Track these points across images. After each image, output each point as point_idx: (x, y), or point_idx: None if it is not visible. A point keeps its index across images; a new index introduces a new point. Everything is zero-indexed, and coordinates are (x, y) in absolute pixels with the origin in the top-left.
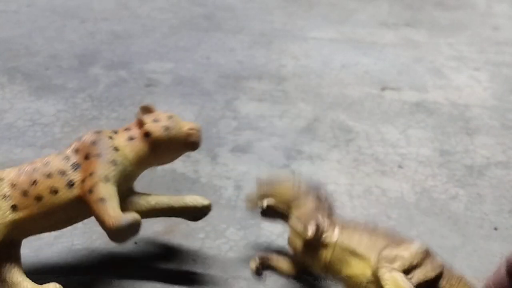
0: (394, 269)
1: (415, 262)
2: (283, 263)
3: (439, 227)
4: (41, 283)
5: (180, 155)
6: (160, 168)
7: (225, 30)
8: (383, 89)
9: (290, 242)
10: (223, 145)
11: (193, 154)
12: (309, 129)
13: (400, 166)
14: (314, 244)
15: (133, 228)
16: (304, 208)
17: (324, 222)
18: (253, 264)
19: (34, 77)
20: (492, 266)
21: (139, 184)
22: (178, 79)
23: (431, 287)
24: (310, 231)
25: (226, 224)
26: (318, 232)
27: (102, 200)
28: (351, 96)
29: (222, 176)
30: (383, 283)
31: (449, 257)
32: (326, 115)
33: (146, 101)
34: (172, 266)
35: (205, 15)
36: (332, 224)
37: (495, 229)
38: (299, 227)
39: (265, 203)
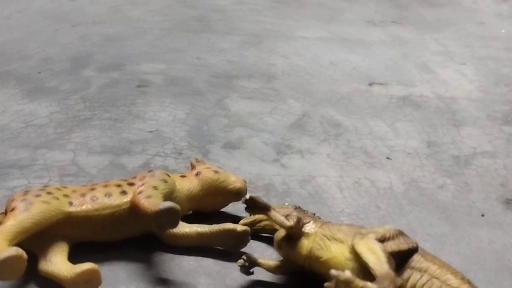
0: (367, 236)
1: (387, 235)
2: (271, 261)
3: (427, 216)
4: None
5: (226, 203)
6: (152, 165)
7: (215, 31)
8: (371, 84)
9: (274, 237)
10: (214, 142)
11: (184, 151)
12: (299, 125)
13: (388, 158)
14: (296, 234)
15: (171, 213)
16: (286, 209)
17: (303, 216)
18: (241, 262)
19: (27, 80)
20: (480, 251)
21: None
22: (169, 79)
23: (405, 261)
24: (292, 221)
25: (220, 219)
26: (299, 222)
27: (148, 197)
28: (340, 92)
29: None
30: (356, 248)
31: (438, 244)
32: (315, 111)
33: (138, 101)
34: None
35: (196, 17)
36: (312, 218)
37: (482, 215)
38: (281, 218)
39: (248, 195)
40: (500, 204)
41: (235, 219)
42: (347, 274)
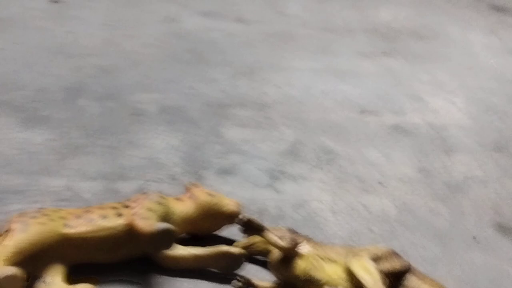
0: (361, 256)
1: (380, 254)
2: (265, 283)
3: (420, 239)
4: None
5: (220, 225)
6: (146, 190)
7: (208, 62)
8: (362, 112)
9: (269, 258)
10: (208, 168)
11: (178, 176)
12: (292, 151)
13: (380, 183)
14: (290, 255)
15: (167, 234)
16: (280, 231)
17: (297, 237)
18: (236, 283)
19: (21, 109)
20: (473, 274)
21: None
22: (163, 108)
23: (398, 280)
24: (286, 242)
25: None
26: (294, 243)
27: (143, 218)
28: (332, 120)
29: None
30: (351, 267)
31: (431, 266)
32: (308, 138)
33: (132, 129)
34: None
35: (189, 49)
36: (306, 239)
37: (474, 238)
38: (275, 239)
39: (243, 216)
40: (491, 228)
41: (230, 242)
42: None
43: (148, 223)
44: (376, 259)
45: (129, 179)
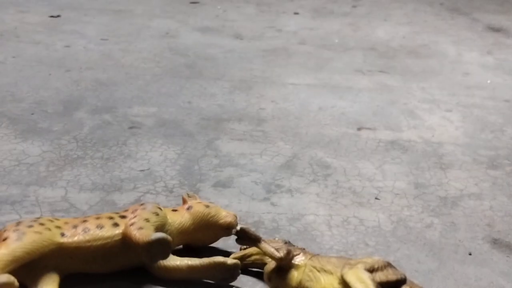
0: (356, 268)
1: (376, 266)
2: None
3: (415, 253)
4: None
5: (216, 237)
6: (143, 201)
7: (206, 77)
8: (359, 129)
9: (264, 269)
10: (205, 181)
11: (175, 189)
12: (288, 166)
13: (376, 198)
14: (286, 266)
15: (163, 244)
16: (276, 243)
17: (294, 249)
18: None
19: (19, 121)
20: (467, 287)
21: None
22: (160, 121)
23: None
24: (282, 253)
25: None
26: (289, 254)
27: (139, 228)
28: (329, 136)
29: None
30: (345, 277)
31: (426, 280)
32: (304, 153)
33: (130, 142)
34: None
35: (187, 64)
36: (302, 251)
37: (470, 254)
38: (271, 249)
39: (239, 226)
40: (486, 244)
41: (225, 254)
42: None
43: (145, 233)
44: (371, 270)
45: (126, 191)
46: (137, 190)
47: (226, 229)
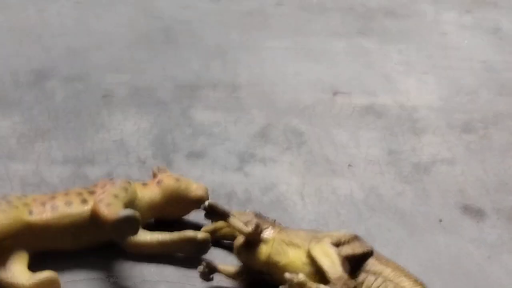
0: (322, 241)
1: (343, 240)
2: (231, 267)
3: (386, 222)
4: None
5: (187, 210)
6: (115, 175)
7: (181, 42)
8: (335, 93)
9: (234, 244)
10: (178, 151)
11: (148, 160)
12: (262, 134)
13: (350, 165)
14: (255, 240)
15: (131, 221)
16: (246, 215)
17: (263, 222)
18: (201, 268)
19: None
20: (437, 256)
21: None
22: (134, 90)
23: (360, 264)
24: (250, 227)
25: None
26: (258, 228)
27: (108, 205)
28: (304, 102)
29: None
30: (312, 252)
31: (396, 249)
32: (279, 121)
33: (103, 112)
34: None
35: (161, 28)
36: (271, 225)
37: (440, 221)
38: (240, 224)
39: (207, 202)
40: (457, 210)
41: (197, 227)
42: (301, 276)
43: (112, 210)
44: (338, 243)
45: (98, 163)
46: (109, 162)
47: (197, 203)
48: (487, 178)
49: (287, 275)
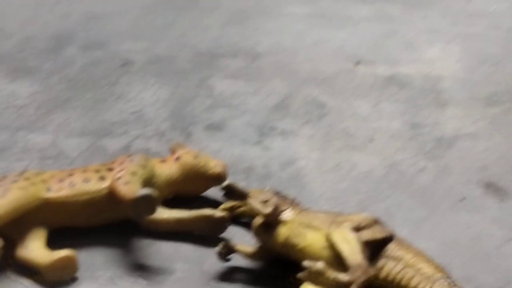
0: (342, 226)
1: (363, 224)
2: (248, 248)
3: (406, 200)
4: None
5: (206, 188)
6: (134, 148)
7: (201, 7)
8: (357, 63)
9: (252, 224)
10: (197, 123)
11: (167, 132)
12: (282, 106)
13: (370, 140)
14: (273, 221)
15: (149, 201)
16: (265, 194)
17: (281, 203)
18: (218, 249)
19: (8, 60)
20: (457, 237)
21: None
22: (153, 58)
23: (380, 249)
24: (268, 209)
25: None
26: (276, 210)
27: (126, 183)
28: (325, 72)
29: None
30: (331, 237)
31: (415, 229)
32: (299, 92)
33: (121, 81)
34: None
35: None
36: (290, 205)
37: (462, 200)
38: (258, 206)
39: (225, 183)
40: (479, 188)
41: (215, 203)
42: (319, 265)
43: (130, 189)
44: (358, 228)
45: (116, 135)
46: (127, 135)
47: (215, 180)
48: (511, 155)
49: (306, 263)
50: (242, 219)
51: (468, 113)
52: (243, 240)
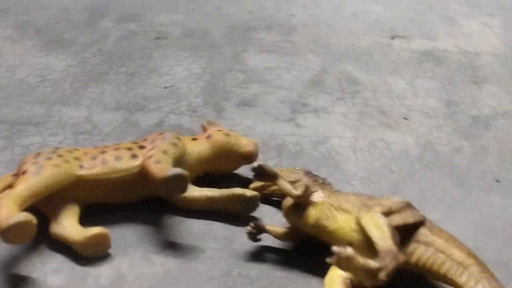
0: (372, 210)
1: (394, 208)
2: (278, 228)
3: (441, 181)
4: None
5: (237, 166)
6: (167, 123)
7: None
8: (393, 38)
9: (282, 205)
10: (229, 99)
11: (199, 108)
12: (316, 81)
13: (405, 118)
14: (303, 203)
15: (180, 180)
16: (296, 173)
17: (312, 184)
18: (248, 229)
19: (45, 32)
20: (492, 220)
21: None
22: (187, 31)
23: (411, 234)
24: (299, 190)
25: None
26: (307, 192)
27: (157, 161)
28: (360, 46)
29: None
30: (361, 221)
31: (449, 211)
32: (333, 67)
33: (155, 55)
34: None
35: None
36: (321, 186)
37: (497, 181)
38: (289, 187)
39: (256, 164)
40: None
41: (246, 181)
42: (349, 251)
43: (162, 168)
44: (389, 213)
45: (150, 111)
46: (160, 110)
47: (246, 158)
48: None
49: (335, 248)
50: (272, 198)
51: (507, 91)
52: (273, 219)
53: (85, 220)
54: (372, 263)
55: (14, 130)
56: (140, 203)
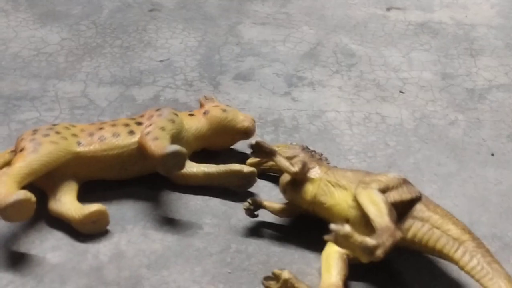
0: (369, 187)
1: (390, 185)
2: (276, 204)
3: (436, 154)
4: None
5: (234, 141)
6: (163, 98)
7: None
8: (389, 9)
9: (280, 181)
10: (225, 73)
11: (195, 82)
12: (312, 54)
13: (401, 92)
14: (301, 179)
15: (178, 157)
16: (293, 149)
17: (309, 160)
18: (246, 205)
19: (38, 4)
20: (487, 193)
21: None
22: (181, 2)
23: (407, 210)
24: (297, 167)
25: (228, 155)
26: (304, 168)
27: (155, 138)
28: (356, 18)
29: None
30: (358, 198)
31: (444, 184)
32: (329, 39)
33: (150, 27)
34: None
35: None
36: (318, 162)
37: (492, 154)
38: (286, 164)
39: (253, 140)
40: (511, 143)
41: (243, 156)
42: (347, 228)
43: (160, 145)
44: (385, 189)
45: (145, 85)
46: (156, 84)
47: (243, 134)
48: None
49: (333, 226)
50: (269, 173)
51: (502, 63)
52: (270, 195)
53: (83, 197)
54: (370, 241)
55: (10, 105)
56: (138, 179)
